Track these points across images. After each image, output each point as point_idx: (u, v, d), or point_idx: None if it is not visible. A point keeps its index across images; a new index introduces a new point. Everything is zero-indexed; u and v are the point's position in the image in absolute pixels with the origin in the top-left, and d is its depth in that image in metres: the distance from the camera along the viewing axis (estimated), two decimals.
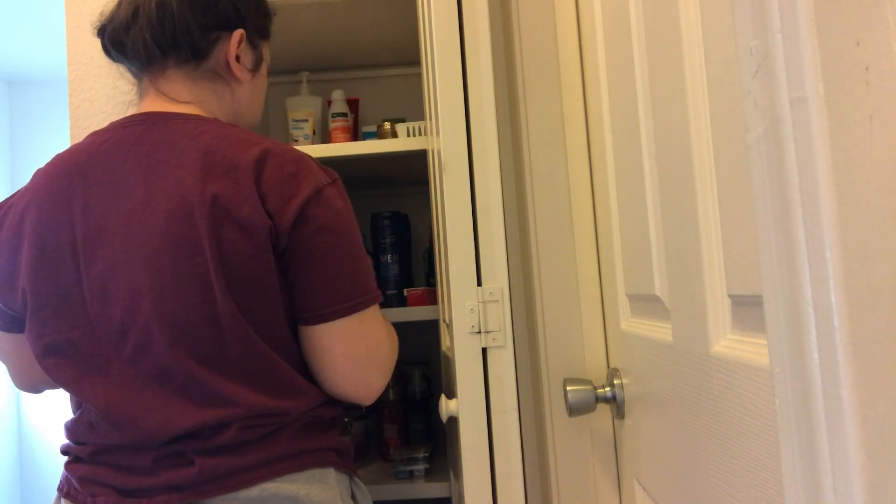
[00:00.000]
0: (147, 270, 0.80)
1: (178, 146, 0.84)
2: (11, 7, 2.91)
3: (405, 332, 1.80)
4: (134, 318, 0.81)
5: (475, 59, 0.88)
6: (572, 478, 0.95)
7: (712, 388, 0.54)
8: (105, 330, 0.82)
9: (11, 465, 3.59)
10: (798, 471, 0.31)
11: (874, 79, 0.28)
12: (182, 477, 0.80)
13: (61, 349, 0.84)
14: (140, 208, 0.82)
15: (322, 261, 0.82)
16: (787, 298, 0.31)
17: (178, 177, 0.82)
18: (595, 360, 0.96)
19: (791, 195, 0.30)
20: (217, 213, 0.80)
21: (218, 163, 0.82)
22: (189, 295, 0.80)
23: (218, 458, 0.80)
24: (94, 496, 0.83)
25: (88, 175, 0.86)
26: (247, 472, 0.80)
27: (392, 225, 1.61)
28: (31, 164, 3.77)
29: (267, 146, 0.84)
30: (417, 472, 1.44)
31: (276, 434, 0.83)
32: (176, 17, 0.89)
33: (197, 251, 0.79)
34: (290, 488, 0.81)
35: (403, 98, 1.84)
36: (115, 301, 0.82)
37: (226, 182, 0.81)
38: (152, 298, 0.80)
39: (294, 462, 0.82)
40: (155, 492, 0.81)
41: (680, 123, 0.57)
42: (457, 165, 0.87)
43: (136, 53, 0.90)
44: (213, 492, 0.80)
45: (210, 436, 0.81)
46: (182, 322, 0.80)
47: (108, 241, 0.82)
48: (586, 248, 0.96)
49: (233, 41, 0.93)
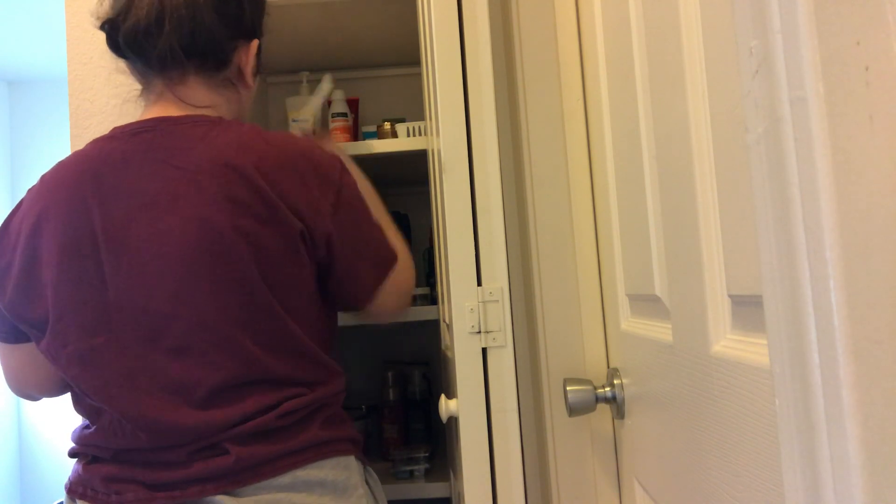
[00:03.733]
0: (182, 276, 0.81)
1: (193, 151, 0.84)
2: (11, 7, 2.91)
3: (405, 332, 1.80)
4: (169, 324, 0.81)
5: (475, 59, 0.88)
6: (572, 478, 0.95)
7: (712, 388, 0.54)
8: (132, 336, 0.82)
9: (11, 465, 3.59)
10: (798, 471, 0.31)
11: (874, 79, 0.28)
12: (216, 467, 0.80)
13: (85, 357, 0.83)
14: (165, 215, 0.82)
15: (352, 259, 0.90)
16: (787, 298, 0.31)
17: (198, 182, 0.82)
18: (595, 360, 0.96)
19: (791, 195, 0.30)
20: (244, 216, 0.81)
21: (237, 166, 0.83)
22: (227, 298, 0.81)
23: (253, 446, 0.82)
24: (120, 493, 0.82)
25: (104, 183, 0.85)
26: (279, 459, 0.83)
27: None
28: (31, 164, 3.77)
29: (279, 147, 0.86)
30: (417, 472, 1.44)
31: (306, 422, 0.86)
32: (208, 27, 0.90)
33: (231, 254, 0.81)
34: (318, 474, 0.85)
35: (403, 98, 1.84)
36: (146, 307, 0.82)
37: (248, 186, 0.82)
38: (189, 303, 0.81)
39: (320, 450, 0.86)
40: (188, 483, 0.80)
41: (680, 123, 0.57)
42: (457, 165, 0.87)
43: (161, 58, 0.89)
44: (249, 480, 0.81)
45: (245, 423, 0.82)
46: (218, 326, 0.81)
47: (133, 248, 0.82)
48: (586, 248, 0.96)
49: (251, 51, 0.96)
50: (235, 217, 0.81)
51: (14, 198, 3.75)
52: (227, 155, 0.83)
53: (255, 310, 0.82)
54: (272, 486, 0.81)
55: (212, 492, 0.80)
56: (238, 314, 0.82)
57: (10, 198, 3.74)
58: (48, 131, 3.78)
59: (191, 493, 0.80)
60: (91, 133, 1.39)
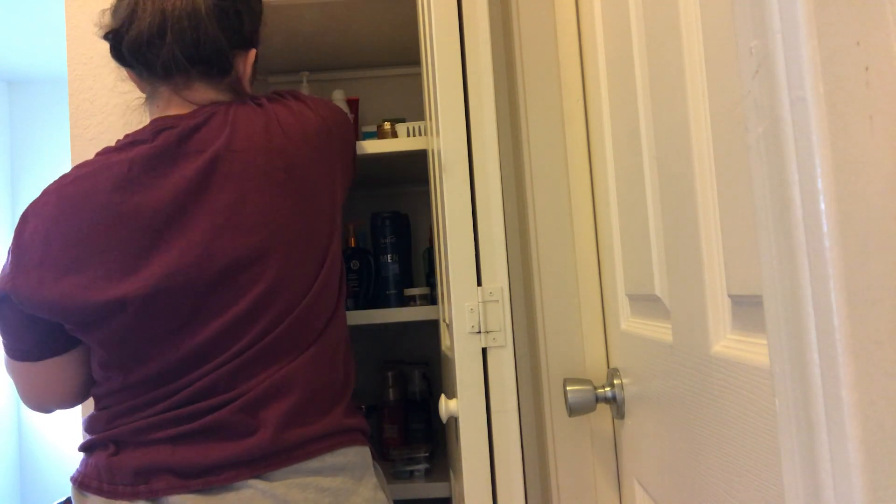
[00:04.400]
0: (247, 243, 0.85)
1: (221, 137, 0.88)
2: (11, 7, 2.91)
3: (405, 331, 1.80)
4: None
5: (475, 59, 0.88)
6: (572, 478, 0.95)
7: (712, 388, 0.54)
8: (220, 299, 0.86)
9: (11, 465, 3.58)
10: (798, 471, 0.31)
11: (874, 79, 0.28)
12: (248, 448, 0.81)
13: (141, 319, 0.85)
14: (220, 195, 0.86)
15: None
16: (787, 298, 0.31)
17: (246, 161, 0.87)
18: (595, 360, 0.96)
19: (791, 195, 0.30)
20: (301, 193, 0.89)
21: (278, 138, 0.89)
22: (301, 275, 0.89)
23: (286, 429, 0.84)
24: (149, 483, 0.81)
25: (143, 182, 0.86)
26: (310, 443, 0.85)
27: (392, 225, 1.61)
28: (31, 164, 3.77)
29: (307, 114, 0.95)
30: (417, 472, 1.44)
31: (333, 408, 0.90)
32: (210, 37, 0.91)
33: (290, 226, 0.87)
34: (342, 460, 0.88)
35: (403, 98, 1.84)
36: (232, 272, 0.86)
37: (284, 160, 0.89)
38: (257, 268, 0.86)
39: (344, 437, 0.90)
40: (221, 468, 0.80)
41: (680, 123, 0.57)
42: (457, 165, 0.87)
43: (165, 66, 0.91)
44: (282, 463, 0.82)
45: (277, 398, 0.84)
46: (285, 299, 0.87)
47: (194, 227, 0.85)
48: (586, 248, 0.97)
49: (249, 59, 0.99)
50: (283, 193, 0.87)
51: (14, 197, 3.75)
52: (257, 131, 0.89)
53: (315, 288, 0.89)
54: (302, 469, 0.83)
55: (246, 475, 0.80)
56: (305, 284, 0.89)
57: (10, 198, 3.74)
58: (48, 131, 3.78)
59: (224, 479, 0.80)
60: (91, 133, 1.39)
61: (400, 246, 1.61)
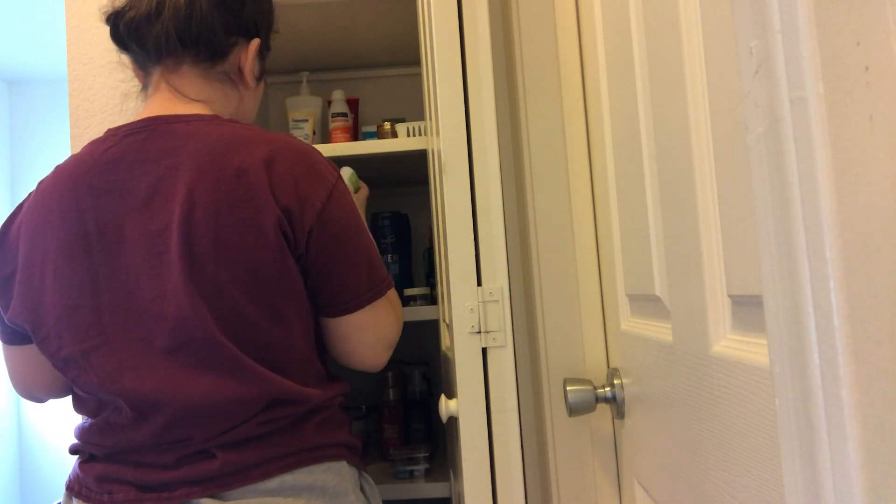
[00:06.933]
0: (172, 276, 0.81)
1: (183, 151, 0.84)
2: (11, 7, 2.91)
3: (405, 332, 1.80)
4: (161, 325, 0.81)
5: (475, 59, 0.88)
6: (572, 478, 0.95)
7: (712, 388, 0.54)
8: (125, 337, 0.83)
9: (11, 465, 3.59)
10: (798, 471, 0.31)
11: (874, 79, 0.28)
12: (204, 471, 0.81)
13: (79, 360, 0.84)
14: (157, 215, 0.83)
15: (340, 259, 0.88)
16: (787, 298, 0.31)
17: (189, 183, 0.82)
18: (595, 360, 0.96)
19: (791, 195, 0.30)
20: (231, 217, 0.81)
21: (227, 166, 0.83)
22: (216, 299, 0.81)
23: (241, 451, 0.82)
24: (112, 493, 0.83)
25: (97, 186, 0.86)
26: (267, 464, 0.83)
27: (392, 225, 1.61)
28: (31, 164, 3.77)
29: (273, 145, 0.86)
30: (417, 472, 1.44)
31: (298, 427, 0.86)
32: (203, 15, 0.92)
33: (220, 256, 0.81)
34: (307, 479, 0.84)
35: (403, 98, 1.84)
36: (140, 309, 0.82)
37: (237, 187, 0.82)
38: (180, 304, 0.81)
39: (311, 455, 0.86)
40: (176, 485, 0.81)
41: (680, 123, 0.57)
42: (457, 165, 0.87)
43: (156, 44, 0.92)
44: (235, 484, 0.81)
45: (234, 426, 0.82)
46: (204, 325, 0.81)
47: (128, 249, 0.83)
48: (586, 248, 0.96)
49: (251, 49, 0.97)
50: (224, 216, 0.81)
51: (14, 198, 3.75)
52: (217, 153, 0.83)
53: (244, 312, 0.82)
54: (259, 490, 0.81)
55: (198, 494, 0.80)
56: (227, 316, 0.82)
57: (10, 197, 3.75)
58: (48, 131, 3.78)
59: (178, 496, 0.80)
60: (91, 133, 1.39)
61: (400, 246, 1.61)
